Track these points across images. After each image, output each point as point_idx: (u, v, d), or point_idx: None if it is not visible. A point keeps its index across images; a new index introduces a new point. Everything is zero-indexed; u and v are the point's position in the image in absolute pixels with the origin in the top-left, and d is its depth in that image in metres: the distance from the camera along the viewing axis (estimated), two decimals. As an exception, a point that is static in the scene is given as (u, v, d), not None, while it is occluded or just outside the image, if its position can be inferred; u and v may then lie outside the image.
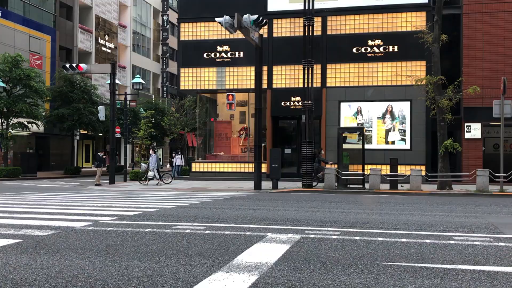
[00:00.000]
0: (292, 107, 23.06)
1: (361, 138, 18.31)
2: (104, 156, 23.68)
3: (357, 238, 6.51)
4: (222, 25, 15.66)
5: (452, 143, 17.42)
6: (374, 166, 19.49)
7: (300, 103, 22.07)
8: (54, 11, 36.22)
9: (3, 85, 26.32)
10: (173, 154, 29.03)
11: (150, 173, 20.92)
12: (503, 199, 14.61)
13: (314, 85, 19.88)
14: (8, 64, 26.67)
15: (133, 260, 5.03)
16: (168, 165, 27.03)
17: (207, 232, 6.96)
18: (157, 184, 21.17)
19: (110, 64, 22.75)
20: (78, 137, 37.00)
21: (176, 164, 27.18)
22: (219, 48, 24.08)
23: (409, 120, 21.99)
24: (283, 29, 23.48)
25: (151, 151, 21.77)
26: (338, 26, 22.81)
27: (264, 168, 21.71)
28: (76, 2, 38.19)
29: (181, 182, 22.96)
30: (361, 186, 17.74)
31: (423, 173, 18.71)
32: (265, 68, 22.44)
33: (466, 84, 20.57)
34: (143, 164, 22.94)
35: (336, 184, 17.84)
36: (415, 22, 21.79)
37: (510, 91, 19.44)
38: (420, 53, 21.35)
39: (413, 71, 21.61)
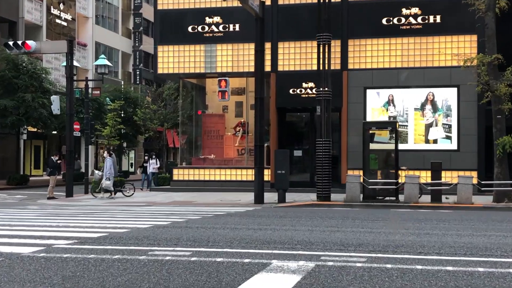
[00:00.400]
0: (304, 95, 23.09)
1: (394, 135, 18.28)
2: (59, 161, 23.69)
3: (388, 266, 6.53)
4: (211, -10, 15.66)
5: (512, 141, 17.41)
6: (410, 173, 19.53)
7: (313, 90, 22.01)
8: (-7, -28, 36.24)
9: None
10: (145, 158, 28.89)
11: (107, 183, 20.89)
12: None
13: (332, 67, 19.81)
14: None
15: (97, 296, 5.03)
16: (138, 172, 26.63)
17: (193, 259, 6.98)
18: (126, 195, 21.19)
19: (66, 41, 22.73)
20: (25, 136, 36.99)
21: (150, 171, 27.06)
22: (208, 20, 24.07)
23: (455, 112, 21.98)
24: (292, -6, 23.50)
25: (105, 154, 21.80)
26: (363, -10, 22.82)
27: (267, 175, 21.75)
28: (22, -40, 38.21)
29: (159, 194, 22.95)
30: (393, 198, 17.77)
31: (475, 181, 18.65)
32: (268, 46, 22.41)
33: (530, 65, 20.51)
34: (96, 172, 22.90)
35: (361, 195, 17.86)
36: (463, -16, 21.81)
37: None
38: (469, 25, 21.27)
39: (460, 48, 21.56)
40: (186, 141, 26.79)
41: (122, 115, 36.33)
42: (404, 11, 22.36)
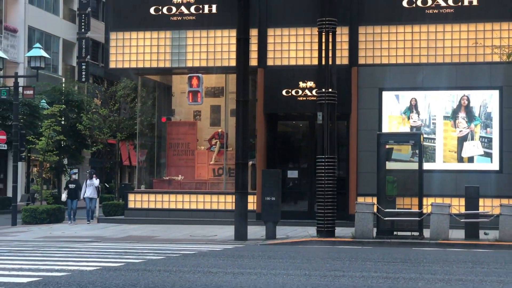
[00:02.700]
0: (301, 98, 22.95)
1: (418, 151, 18.23)
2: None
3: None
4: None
5: None
6: (438, 200, 19.48)
7: (314, 92, 21.88)
8: None
9: None
10: (71, 176, 27.83)
11: None
12: None
13: (338, 62, 19.82)
14: None
15: None
16: (63, 196, 24.70)
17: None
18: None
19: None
20: None
21: (87, 195, 25.87)
22: (176, -1, 24.21)
23: (497, 122, 21.91)
24: (286, -33, 23.52)
25: None
26: (378, -38, 22.91)
27: (252, 203, 21.55)
28: None
29: (109, 226, 22.84)
30: (416, 233, 17.75)
31: (523, 211, 18.70)
32: (254, 33, 22.28)
33: None
34: None
35: (375, 230, 17.87)
36: (506, -44, 21.92)
37: None
38: (515, 9, 21.48)
39: (504, 40, 21.55)
40: (146, 157, 26.64)
41: (63, 122, 35.95)
42: (431, -10, 22.49)
